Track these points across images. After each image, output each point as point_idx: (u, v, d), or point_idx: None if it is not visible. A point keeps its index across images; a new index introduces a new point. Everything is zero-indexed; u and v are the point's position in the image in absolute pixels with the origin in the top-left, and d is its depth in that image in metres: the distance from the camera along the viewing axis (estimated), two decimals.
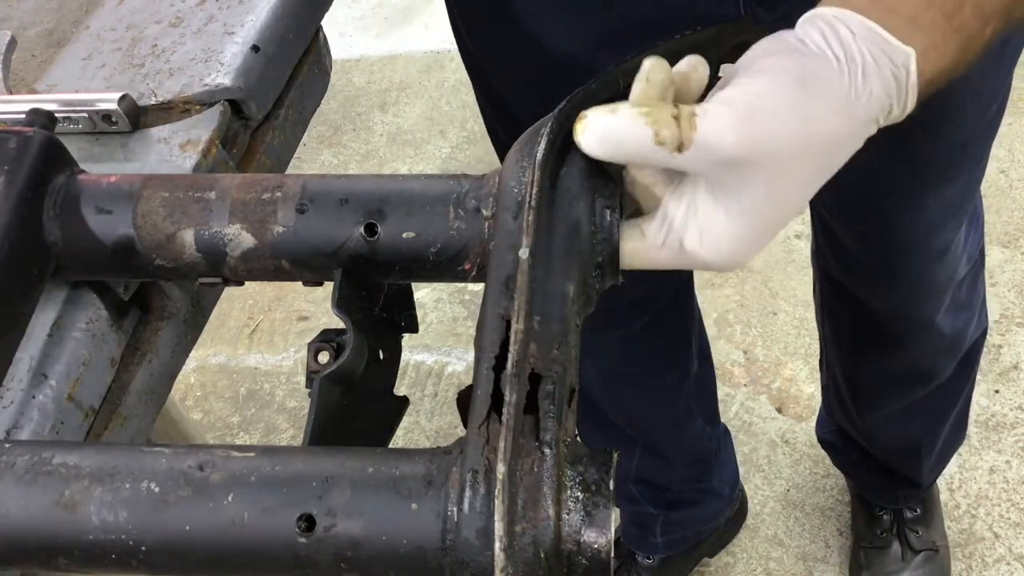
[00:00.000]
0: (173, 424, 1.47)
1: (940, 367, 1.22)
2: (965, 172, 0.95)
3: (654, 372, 1.28)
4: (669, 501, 1.45)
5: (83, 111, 0.66)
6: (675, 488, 1.44)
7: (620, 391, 1.26)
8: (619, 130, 0.47)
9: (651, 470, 1.39)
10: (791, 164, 0.47)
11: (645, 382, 1.28)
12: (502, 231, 0.49)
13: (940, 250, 1.02)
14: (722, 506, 1.52)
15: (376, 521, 0.42)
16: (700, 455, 1.43)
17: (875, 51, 0.48)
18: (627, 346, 1.18)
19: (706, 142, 0.46)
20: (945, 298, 1.10)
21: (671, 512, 1.46)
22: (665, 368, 1.29)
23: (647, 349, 1.22)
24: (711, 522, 1.52)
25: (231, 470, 0.43)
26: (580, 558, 0.41)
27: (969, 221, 1.05)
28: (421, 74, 2.53)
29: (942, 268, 1.05)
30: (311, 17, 0.78)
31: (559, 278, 0.47)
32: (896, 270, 1.04)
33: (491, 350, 0.45)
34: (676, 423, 1.35)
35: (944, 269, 1.06)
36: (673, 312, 1.22)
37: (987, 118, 0.91)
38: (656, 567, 1.53)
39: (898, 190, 0.93)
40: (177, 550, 0.42)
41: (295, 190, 0.54)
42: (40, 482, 0.43)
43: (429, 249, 0.52)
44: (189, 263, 0.54)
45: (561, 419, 0.43)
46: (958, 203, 0.98)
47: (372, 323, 0.55)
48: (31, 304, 0.54)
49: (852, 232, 1.02)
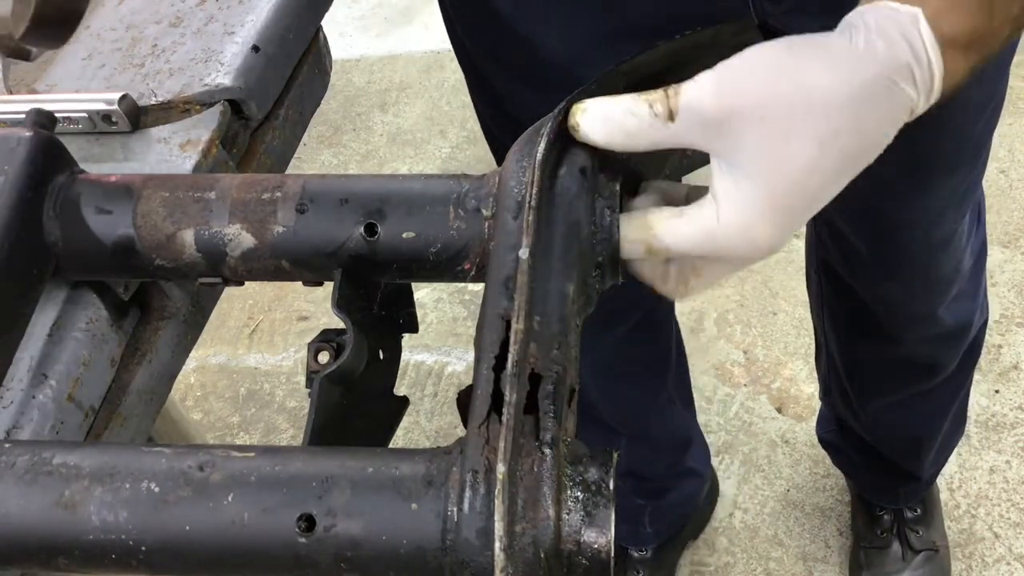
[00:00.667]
0: (173, 424, 1.47)
1: (943, 360, 1.22)
2: (967, 163, 0.95)
3: (644, 368, 1.30)
4: (655, 489, 1.47)
5: (83, 111, 0.66)
6: (659, 476, 1.46)
7: (612, 388, 1.27)
8: (618, 110, 0.49)
9: (637, 461, 1.41)
10: (788, 123, 0.47)
11: (635, 378, 1.30)
12: (502, 231, 0.49)
13: (942, 241, 1.02)
14: (700, 484, 1.56)
15: (376, 521, 0.42)
16: (680, 438, 1.46)
17: (877, 15, 0.48)
18: (622, 345, 1.20)
19: (689, 105, 0.47)
20: (951, 291, 1.10)
21: (658, 500, 1.49)
22: (653, 364, 1.31)
23: (639, 348, 1.24)
24: (692, 502, 1.56)
25: (231, 470, 0.43)
26: (580, 558, 0.41)
27: (972, 213, 1.05)
28: (421, 74, 2.53)
29: (946, 259, 1.05)
30: (311, 17, 0.78)
31: (559, 278, 0.47)
32: (898, 262, 1.04)
33: (491, 350, 0.45)
34: (660, 412, 1.37)
35: (949, 261, 1.05)
36: (660, 311, 1.24)
37: (989, 109, 0.91)
38: (650, 559, 1.55)
39: (901, 180, 0.93)
40: (177, 550, 0.42)
41: (295, 190, 0.54)
42: (40, 482, 0.43)
43: (429, 249, 0.52)
44: (189, 263, 0.54)
45: (561, 419, 0.43)
46: (960, 194, 0.98)
47: (372, 323, 0.55)
48: (31, 304, 0.54)
49: (853, 223, 1.02)
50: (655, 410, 1.36)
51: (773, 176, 0.48)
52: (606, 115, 0.49)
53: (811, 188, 0.48)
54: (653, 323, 1.23)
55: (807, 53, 0.48)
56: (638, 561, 1.55)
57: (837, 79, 0.47)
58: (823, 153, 0.47)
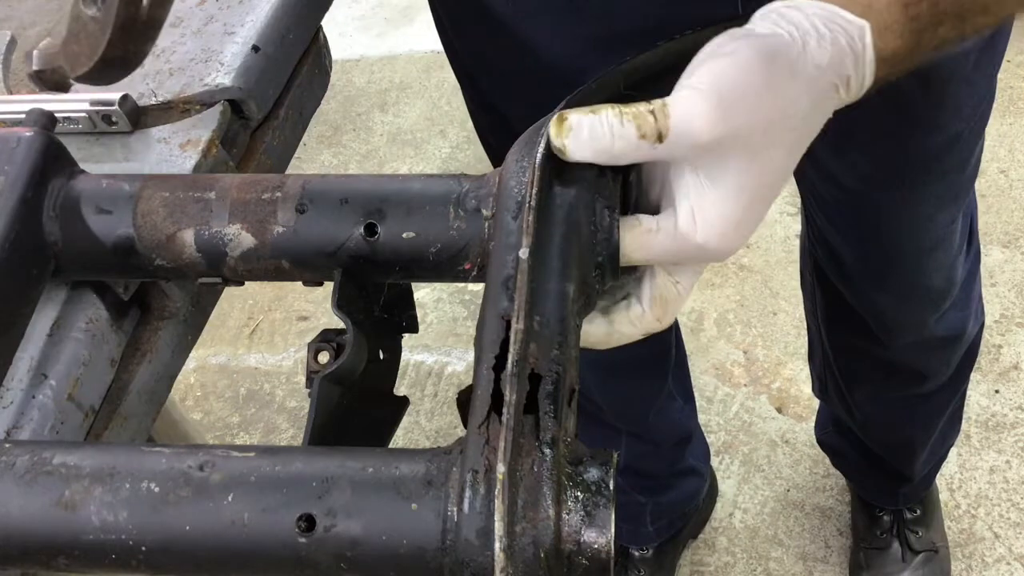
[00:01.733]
0: (173, 424, 1.47)
1: (934, 367, 1.22)
2: (956, 165, 0.95)
3: (644, 364, 1.30)
4: (655, 487, 1.48)
5: (83, 111, 0.66)
6: (659, 473, 1.46)
7: (611, 384, 1.27)
8: (605, 131, 0.48)
9: (637, 457, 1.41)
10: (767, 138, 0.49)
11: (636, 375, 1.30)
12: (502, 231, 0.49)
13: (930, 249, 1.02)
14: (701, 482, 1.56)
15: (376, 521, 0.42)
16: (681, 434, 1.46)
17: (828, 23, 0.50)
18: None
19: (680, 130, 0.48)
20: (943, 304, 1.10)
21: (659, 497, 1.49)
22: (653, 359, 1.31)
23: (638, 343, 1.23)
24: (693, 501, 1.56)
25: (231, 470, 0.43)
26: (580, 558, 0.41)
27: (964, 226, 1.05)
28: (421, 74, 2.53)
29: (935, 269, 1.05)
30: (311, 17, 0.78)
31: (559, 278, 0.47)
32: (884, 271, 1.04)
33: (491, 350, 0.45)
34: (661, 407, 1.37)
35: (938, 272, 1.06)
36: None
37: (980, 109, 0.92)
38: (651, 558, 1.55)
39: (892, 182, 0.93)
40: (177, 550, 0.42)
41: (295, 190, 0.54)
42: (40, 482, 0.43)
43: (429, 249, 0.52)
44: (189, 263, 0.54)
45: (561, 419, 0.43)
46: (948, 200, 0.98)
47: (372, 323, 0.55)
48: (31, 304, 0.54)
49: (844, 229, 1.02)
50: (655, 406, 1.36)
51: (757, 189, 0.50)
52: (593, 137, 0.48)
53: (777, 188, 0.51)
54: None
55: (776, 65, 0.49)
56: (639, 560, 1.55)
57: (801, 91, 0.49)
58: (790, 157, 0.51)
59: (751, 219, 0.51)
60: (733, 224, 0.50)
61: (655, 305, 0.54)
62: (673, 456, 1.47)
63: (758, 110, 0.48)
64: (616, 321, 0.55)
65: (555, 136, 0.49)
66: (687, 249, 0.51)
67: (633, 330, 0.56)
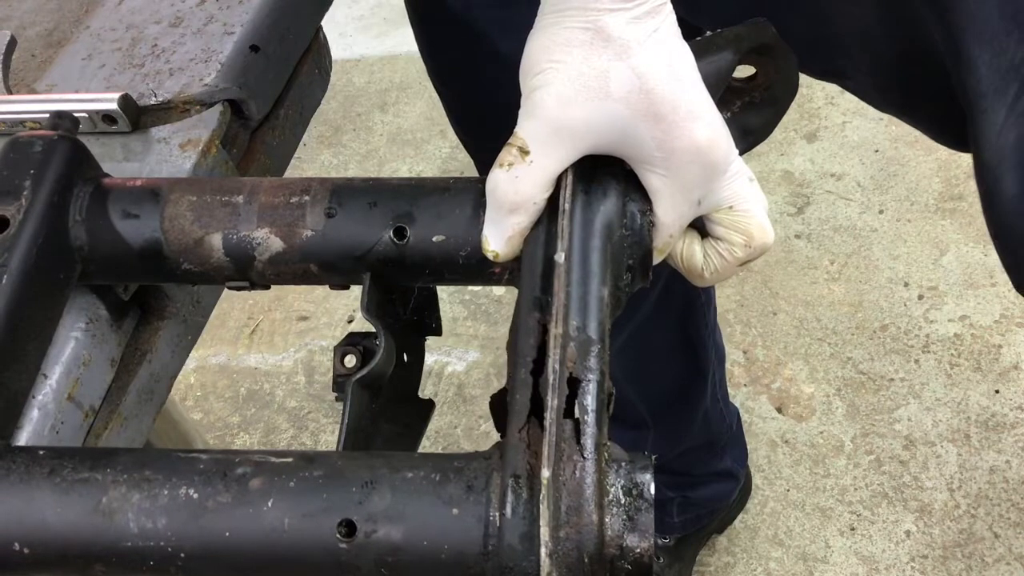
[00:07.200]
0: (173, 424, 1.47)
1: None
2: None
3: (670, 356, 1.30)
4: (686, 484, 1.48)
5: (83, 111, 0.66)
6: (692, 472, 1.46)
7: (639, 378, 1.27)
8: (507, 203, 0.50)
9: (668, 456, 1.41)
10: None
11: (662, 367, 1.30)
12: (535, 234, 0.49)
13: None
14: (734, 485, 1.56)
15: (417, 527, 0.41)
16: (715, 437, 1.45)
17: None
18: (641, 332, 1.19)
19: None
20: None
21: (688, 493, 1.49)
22: (680, 353, 1.31)
23: (661, 334, 1.24)
24: (724, 500, 1.56)
25: (270, 476, 0.43)
26: (623, 562, 0.41)
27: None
28: (421, 74, 2.50)
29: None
30: (311, 17, 0.78)
31: (594, 281, 0.47)
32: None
33: (528, 354, 0.44)
34: (693, 407, 1.37)
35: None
36: (679, 286, 1.20)
37: None
38: (672, 547, 1.55)
39: None
40: (216, 556, 0.42)
41: (323, 193, 0.54)
42: (77, 489, 0.43)
43: (459, 252, 0.52)
44: (217, 267, 0.54)
45: (601, 423, 0.43)
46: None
47: (400, 326, 0.55)
48: (58, 309, 0.54)
49: None
50: (686, 403, 1.36)
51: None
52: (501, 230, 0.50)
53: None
54: (671, 306, 1.22)
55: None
56: (660, 549, 1.55)
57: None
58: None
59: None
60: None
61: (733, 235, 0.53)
62: (705, 457, 1.46)
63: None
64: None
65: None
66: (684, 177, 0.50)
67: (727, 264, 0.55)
